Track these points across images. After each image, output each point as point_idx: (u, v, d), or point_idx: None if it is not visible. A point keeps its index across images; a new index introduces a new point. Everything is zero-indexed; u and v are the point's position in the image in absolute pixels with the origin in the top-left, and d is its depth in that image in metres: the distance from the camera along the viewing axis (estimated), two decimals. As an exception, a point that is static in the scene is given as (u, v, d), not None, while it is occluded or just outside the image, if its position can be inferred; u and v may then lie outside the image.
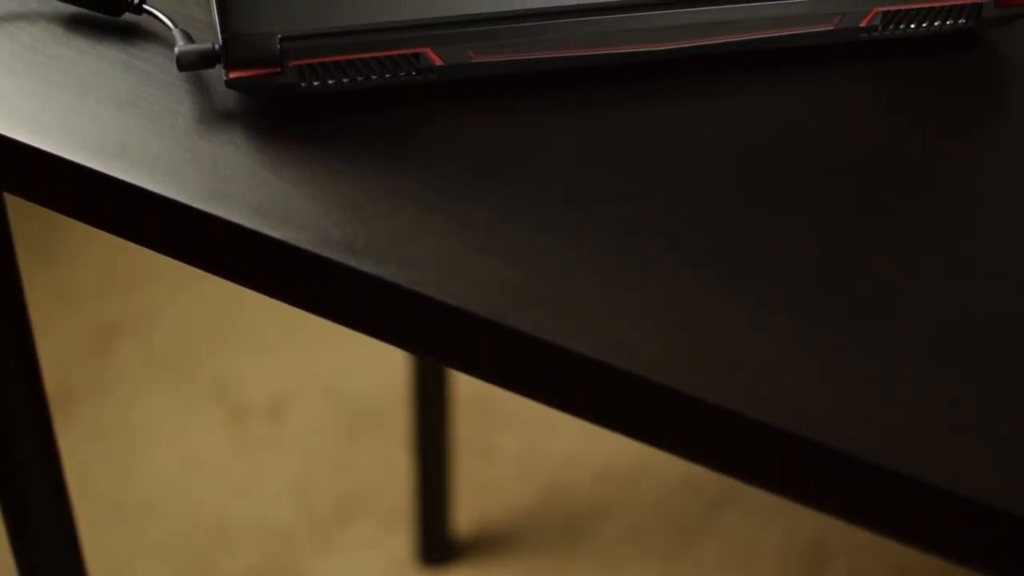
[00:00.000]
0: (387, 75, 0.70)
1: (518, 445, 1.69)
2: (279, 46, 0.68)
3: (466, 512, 1.64)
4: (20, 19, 0.77)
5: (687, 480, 1.66)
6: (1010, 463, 0.57)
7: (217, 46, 0.70)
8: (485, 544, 1.62)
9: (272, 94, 0.70)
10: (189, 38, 0.73)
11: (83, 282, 1.82)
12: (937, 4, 0.73)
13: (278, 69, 0.69)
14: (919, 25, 0.74)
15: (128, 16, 0.77)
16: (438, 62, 0.70)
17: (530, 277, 0.63)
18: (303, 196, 0.66)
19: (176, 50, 0.70)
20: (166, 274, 1.81)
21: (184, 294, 1.81)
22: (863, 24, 0.73)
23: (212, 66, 0.70)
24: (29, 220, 1.81)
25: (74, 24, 0.76)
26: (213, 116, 0.70)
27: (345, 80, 0.70)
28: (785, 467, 0.59)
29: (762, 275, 0.64)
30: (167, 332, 1.78)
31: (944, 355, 0.61)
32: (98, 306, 1.80)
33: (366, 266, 0.63)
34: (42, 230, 1.85)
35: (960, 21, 0.74)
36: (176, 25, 0.74)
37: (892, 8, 0.73)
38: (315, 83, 0.70)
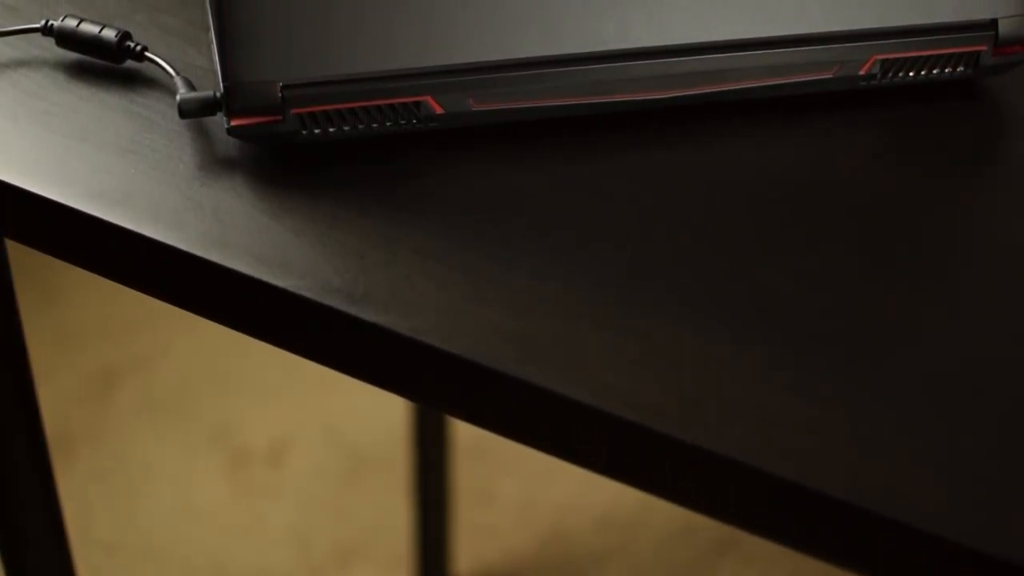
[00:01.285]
0: (388, 123, 0.70)
1: (518, 491, 1.69)
2: (280, 94, 0.68)
3: (466, 558, 1.63)
4: (23, 66, 0.77)
5: (687, 527, 1.66)
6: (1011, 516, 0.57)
7: (219, 94, 0.70)
8: (485, 590, 1.61)
9: (273, 142, 0.70)
10: (191, 85, 0.73)
11: (83, 326, 1.82)
12: (936, 52, 0.74)
13: (279, 117, 0.69)
14: (918, 73, 0.75)
15: (130, 63, 0.77)
16: (439, 110, 0.70)
17: (530, 325, 0.63)
18: (304, 244, 0.66)
19: (178, 97, 0.70)
20: (166, 319, 1.81)
21: (184, 339, 1.81)
22: (862, 72, 0.73)
23: (213, 113, 0.70)
24: (30, 264, 1.82)
25: (76, 71, 0.77)
26: (214, 163, 0.71)
27: (346, 128, 0.70)
28: (784, 515, 0.59)
29: (762, 323, 0.64)
30: (167, 376, 1.78)
31: (943, 406, 0.61)
32: (98, 350, 1.80)
33: (366, 314, 0.63)
34: (43, 274, 1.85)
35: (959, 69, 0.75)
36: (178, 72, 0.74)
37: (891, 56, 0.73)
38: (316, 131, 0.70)
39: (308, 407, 1.76)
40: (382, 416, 1.75)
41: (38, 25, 0.77)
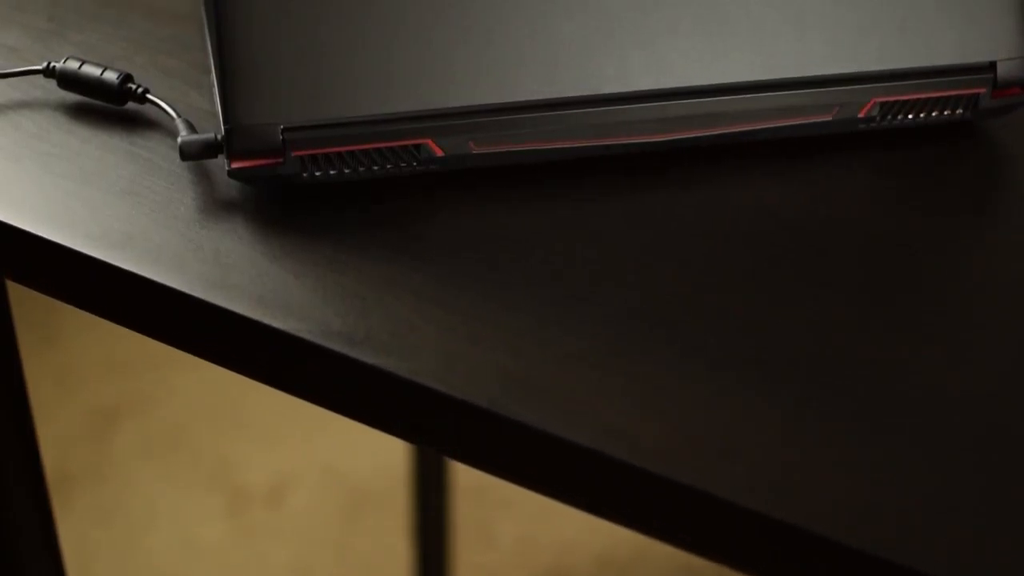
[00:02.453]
0: (388, 166, 0.70)
1: (517, 531, 1.69)
2: (281, 137, 0.68)
3: (466, 598, 1.63)
4: (24, 107, 0.77)
5: (687, 568, 1.65)
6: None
7: (220, 136, 0.70)
8: (485, 630, 1.61)
9: (274, 184, 0.70)
10: (192, 128, 0.73)
11: (83, 366, 1.82)
12: (935, 95, 0.74)
13: (280, 160, 0.69)
14: (917, 115, 0.75)
15: (131, 105, 0.77)
16: (439, 153, 0.70)
17: (530, 368, 0.63)
18: (304, 286, 0.67)
19: (179, 140, 0.71)
20: (166, 358, 1.81)
21: (184, 378, 1.81)
22: (861, 115, 0.74)
23: (215, 156, 0.71)
24: (30, 304, 1.82)
25: (78, 113, 0.77)
26: (215, 205, 0.71)
27: (347, 171, 0.70)
28: (785, 558, 0.59)
29: (762, 365, 0.64)
30: (167, 416, 1.78)
31: (947, 448, 0.61)
32: (98, 390, 1.80)
33: (367, 357, 0.63)
34: (43, 314, 1.85)
35: (958, 111, 0.75)
36: (179, 115, 0.74)
37: (890, 99, 0.74)
38: (317, 173, 0.70)
39: (308, 447, 1.76)
40: (382, 456, 1.75)
41: (40, 67, 0.78)
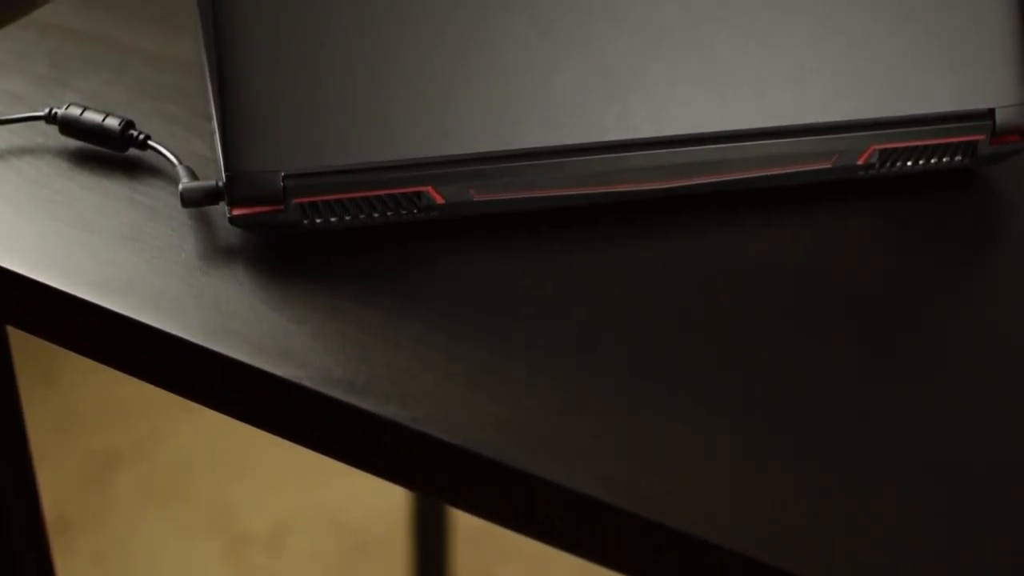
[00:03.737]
0: (389, 213, 0.71)
1: (518, 576, 1.68)
2: (282, 184, 0.69)
3: (466, 643, 1.62)
4: (26, 153, 0.77)
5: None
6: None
7: (221, 183, 0.70)
8: (485, 676, 1.60)
9: (275, 231, 0.70)
10: (193, 175, 0.73)
11: (83, 410, 1.82)
12: (933, 142, 0.74)
13: (281, 207, 0.69)
14: (916, 163, 0.75)
15: (133, 151, 0.77)
16: (439, 200, 0.70)
17: (530, 416, 0.63)
18: (304, 333, 0.67)
19: (180, 187, 0.71)
20: (166, 403, 1.80)
21: (184, 423, 1.81)
22: (861, 162, 0.74)
23: (215, 203, 0.71)
24: (31, 348, 1.82)
25: (79, 159, 0.77)
26: (216, 252, 0.71)
27: (347, 218, 0.70)
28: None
29: (762, 413, 0.64)
30: (167, 460, 1.78)
31: (948, 497, 0.61)
32: (98, 434, 1.80)
33: (367, 404, 0.63)
34: (43, 358, 1.85)
35: (957, 158, 0.75)
36: (180, 161, 0.74)
37: (889, 146, 0.74)
38: (317, 220, 0.70)
39: (308, 492, 1.75)
40: (382, 502, 1.74)
41: (42, 113, 0.78)
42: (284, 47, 0.68)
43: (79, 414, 1.82)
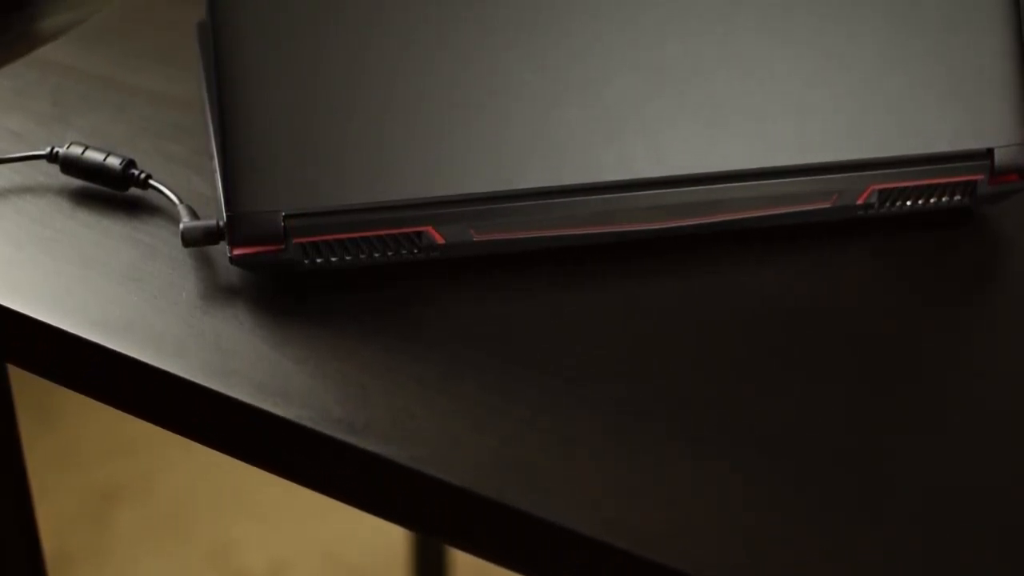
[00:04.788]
0: (389, 253, 0.71)
1: (518, 613, 1.68)
2: (283, 224, 0.69)
3: None
4: (27, 192, 0.78)
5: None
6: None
7: (221, 223, 0.70)
8: None
9: (275, 270, 0.71)
10: (194, 214, 0.73)
11: (83, 447, 1.82)
12: (933, 182, 0.74)
13: (282, 246, 0.69)
14: (915, 202, 0.75)
15: (134, 190, 0.77)
16: (440, 240, 0.70)
17: (531, 456, 0.63)
18: (305, 373, 0.67)
19: (181, 226, 0.71)
20: (166, 440, 1.80)
21: (183, 460, 1.81)
22: (860, 202, 0.74)
23: (216, 242, 0.71)
24: (29, 384, 1.81)
25: (80, 198, 0.77)
26: (217, 291, 0.71)
27: (348, 257, 0.70)
28: (787, 648, 0.59)
29: (761, 452, 0.64)
30: (166, 497, 1.78)
31: (943, 540, 0.61)
32: (97, 471, 1.80)
33: (367, 444, 0.63)
34: (43, 394, 1.85)
35: (956, 198, 0.75)
36: (181, 200, 0.74)
37: (888, 186, 0.74)
38: (318, 260, 0.70)
39: (307, 529, 1.75)
40: (381, 539, 1.74)
41: (43, 152, 0.78)
42: (285, 88, 0.68)
43: (79, 451, 1.82)
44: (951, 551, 0.60)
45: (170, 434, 0.70)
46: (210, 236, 0.71)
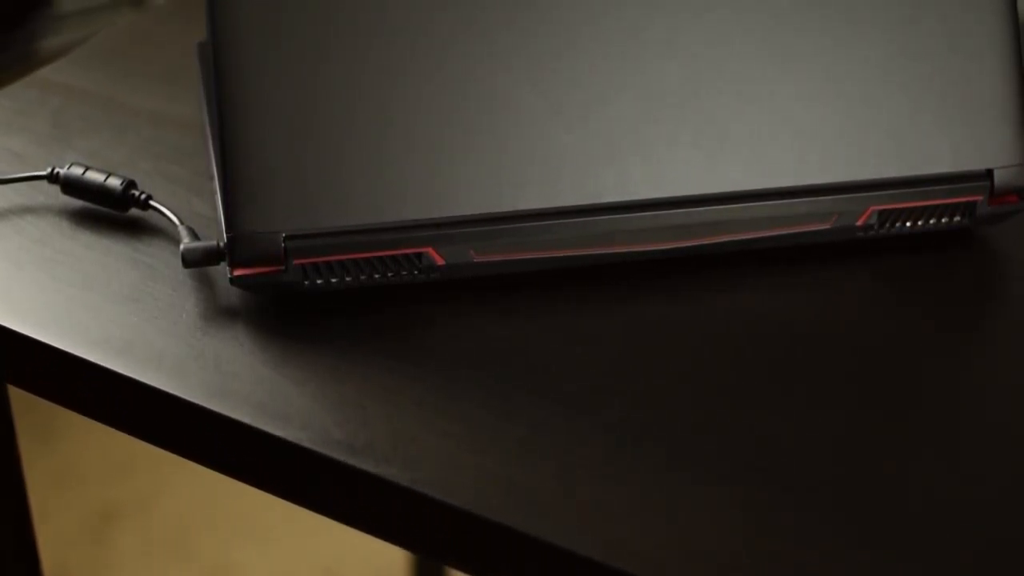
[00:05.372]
0: (389, 274, 0.71)
1: (518, 633, 1.67)
2: (283, 245, 0.69)
3: None
4: (28, 213, 0.78)
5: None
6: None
7: (222, 244, 0.70)
8: None
9: (276, 291, 0.71)
10: (194, 235, 0.73)
11: (82, 466, 1.82)
12: (932, 203, 0.74)
13: (282, 267, 0.69)
14: (915, 223, 0.75)
15: (134, 211, 0.78)
16: (440, 262, 0.70)
17: (532, 478, 0.63)
18: (305, 394, 0.67)
19: (181, 247, 0.71)
20: (164, 460, 1.80)
21: (182, 479, 1.81)
22: (860, 223, 0.74)
23: (217, 263, 0.71)
24: (30, 404, 1.81)
25: (81, 219, 0.77)
26: (217, 312, 0.71)
27: (348, 279, 0.70)
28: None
29: (761, 475, 0.64)
30: (166, 517, 1.77)
31: (944, 561, 0.61)
32: (97, 491, 1.79)
33: (367, 466, 0.63)
34: (42, 414, 1.85)
35: (955, 218, 0.75)
36: (182, 221, 0.75)
37: (888, 207, 0.74)
38: (318, 281, 0.70)
39: (307, 550, 1.75)
40: (381, 559, 1.74)
41: (44, 173, 0.78)
42: (285, 109, 0.68)
43: (78, 471, 1.81)
44: (953, 571, 0.60)
45: (170, 455, 0.70)
46: (210, 257, 0.71)
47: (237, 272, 0.69)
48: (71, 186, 0.77)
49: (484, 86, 0.70)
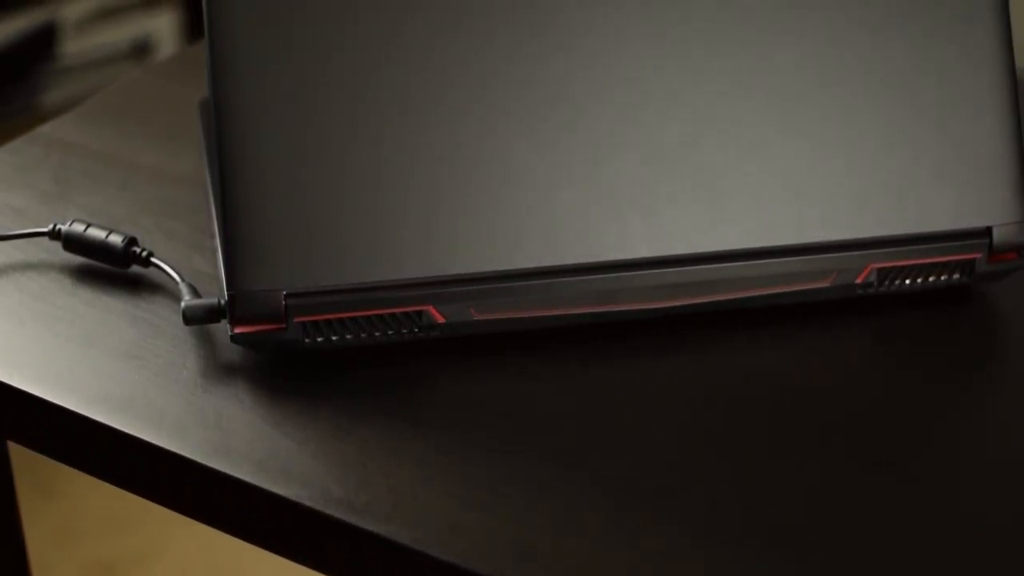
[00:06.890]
0: (390, 332, 0.71)
1: None
2: (284, 303, 0.69)
3: None
4: (29, 269, 0.78)
5: None
6: None
7: (223, 301, 0.70)
8: None
9: (276, 349, 0.71)
10: (195, 292, 0.74)
11: (83, 521, 1.81)
12: (931, 260, 0.74)
13: (283, 325, 0.69)
14: (914, 281, 0.75)
15: (135, 268, 0.78)
16: (440, 319, 0.71)
17: (532, 537, 0.63)
18: (305, 453, 0.67)
19: (182, 304, 0.71)
20: (165, 515, 1.79)
21: (183, 536, 1.80)
22: (859, 281, 0.74)
23: (217, 321, 0.71)
24: (30, 459, 1.81)
25: (82, 275, 0.77)
26: (217, 370, 0.71)
27: (349, 336, 0.70)
28: None
29: (759, 534, 0.63)
30: (166, 573, 1.77)
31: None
32: (97, 545, 1.79)
33: (368, 524, 0.63)
34: (42, 469, 1.84)
35: (955, 276, 0.75)
36: (183, 279, 0.75)
37: (887, 265, 0.74)
38: (319, 339, 0.70)
39: (306, 603, 1.74)
40: (381, 612, 1.73)
41: (46, 229, 0.78)
42: (287, 168, 0.69)
43: (78, 526, 1.81)
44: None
45: (170, 511, 0.70)
46: (211, 314, 0.71)
47: (238, 330, 0.69)
48: (72, 243, 0.78)
49: (483, 144, 0.70)
